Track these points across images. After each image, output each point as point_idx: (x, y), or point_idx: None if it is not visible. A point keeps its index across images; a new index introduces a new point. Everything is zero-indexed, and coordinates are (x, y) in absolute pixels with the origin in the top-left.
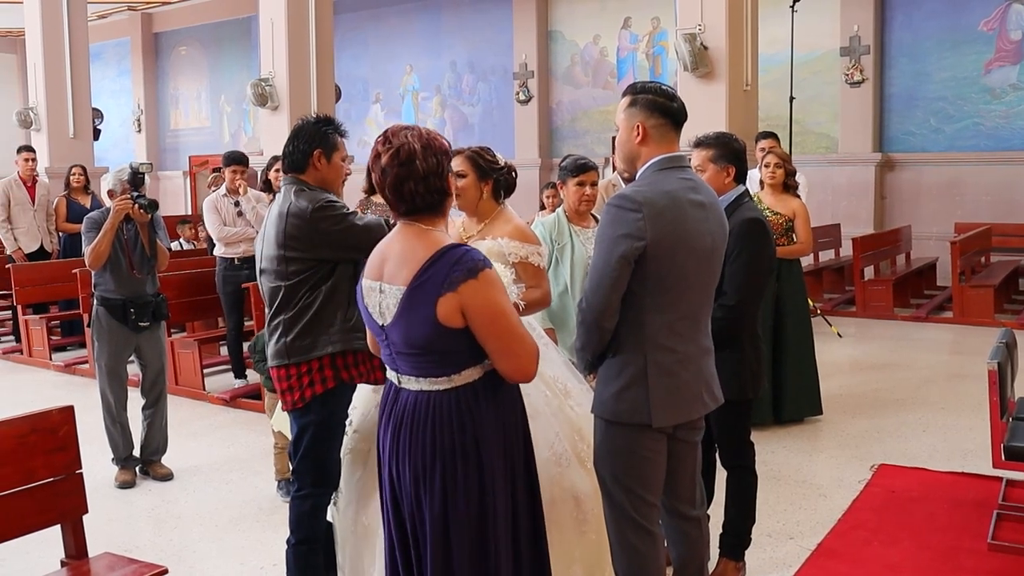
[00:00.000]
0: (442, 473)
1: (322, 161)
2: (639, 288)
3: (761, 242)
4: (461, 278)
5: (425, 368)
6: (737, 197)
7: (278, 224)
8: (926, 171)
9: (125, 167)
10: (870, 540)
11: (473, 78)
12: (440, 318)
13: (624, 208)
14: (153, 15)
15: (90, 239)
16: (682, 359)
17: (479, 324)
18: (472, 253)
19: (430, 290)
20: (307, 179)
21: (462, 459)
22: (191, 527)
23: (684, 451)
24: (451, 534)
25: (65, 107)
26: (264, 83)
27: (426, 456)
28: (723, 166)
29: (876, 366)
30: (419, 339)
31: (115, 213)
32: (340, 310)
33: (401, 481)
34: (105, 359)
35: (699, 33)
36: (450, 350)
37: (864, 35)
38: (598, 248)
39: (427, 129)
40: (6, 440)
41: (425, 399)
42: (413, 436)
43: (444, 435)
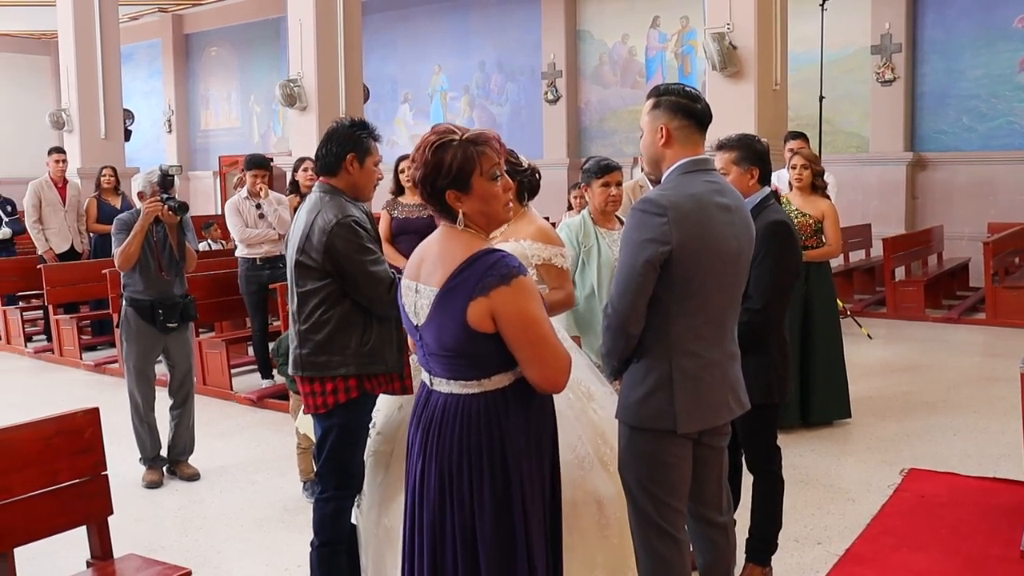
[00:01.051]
0: (468, 477)
1: (355, 165)
2: (664, 293)
3: (786, 245)
4: (493, 283)
5: (456, 371)
6: (762, 199)
7: (303, 229)
8: (958, 170)
9: (155, 169)
10: (899, 546)
11: (501, 78)
12: (470, 322)
13: (649, 212)
14: (184, 16)
15: (120, 240)
16: (707, 364)
17: (509, 331)
18: (507, 259)
19: (461, 294)
20: (339, 183)
21: (488, 464)
22: (217, 528)
23: (710, 457)
24: (477, 538)
25: (97, 108)
26: (292, 84)
27: (452, 459)
28: (747, 168)
29: (906, 368)
30: (449, 342)
31: (145, 215)
32: (355, 334)
33: (427, 482)
34: (133, 359)
35: (728, 32)
36: (480, 354)
37: (896, 33)
38: (623, 252)
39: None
40: (32, 442)
41: (455, 402)
42: (441, 438)
43: (471, 439)
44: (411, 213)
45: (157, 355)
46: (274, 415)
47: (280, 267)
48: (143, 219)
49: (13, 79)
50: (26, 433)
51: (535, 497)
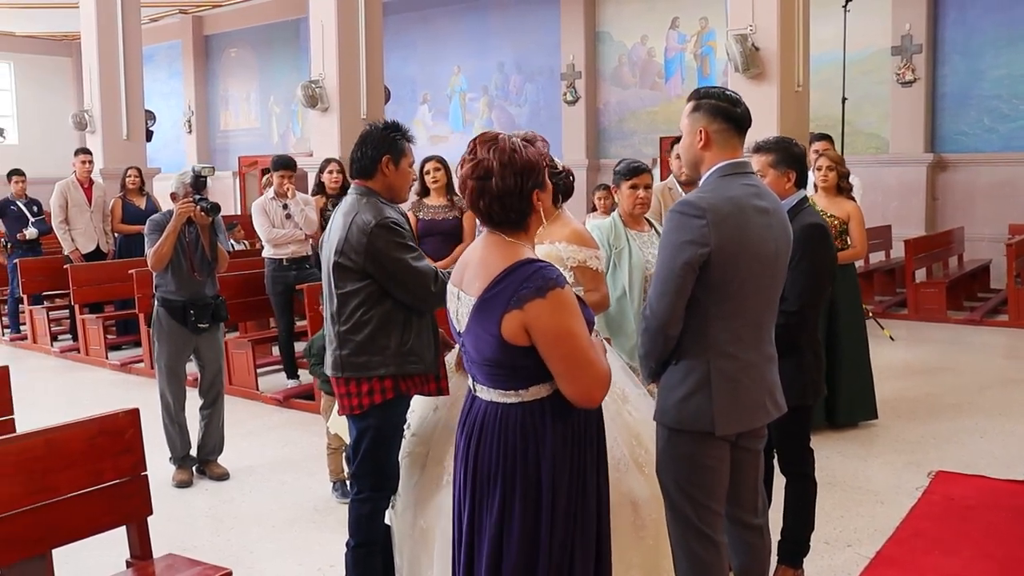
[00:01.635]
0: (502, 486)
1: (390, 167)
2: (703, 295)
3: (822, 248)
4: (528, 296)
5: (495, 380)
6: (798, 202)
7: (340, 232)
8: (979, 171)
9: (188, 171)
10: (930, 549)
11: (520, 79)
12: (505, 335)
13: (688, 214)
14: (204, 18)
15: (152, 241)
16: (745, 366)
17: (543, 345)
18: (545, 271)
19: (497, 305)
20: (374, 185)
21: (522, 475)
22: (248, 528)
23: (747, 459)
24: (504, 548)
25: (119, 109)
26: (314, 85)
27: (489, 467)
28: (783, 171)
29: (930, 370)
30: (487, 353)
31: (177, 216)
32: (395, 334)
33: (466, 487)
34: (165, 359)
35: (750, 34)
36: (518, 365)
37: (916, 34)
38: (662, 255)
39: (518, 143)
40: (76, 442)
41: (495, 410)
42: (480, 446)
43: (507, 449)
44: (436, 215)
45: (188, 355)
46: (300, 415)
47: (307, 268)
48: (176, 220)
49: (36, 80)
50: (70, 433)
51: (565, 513)
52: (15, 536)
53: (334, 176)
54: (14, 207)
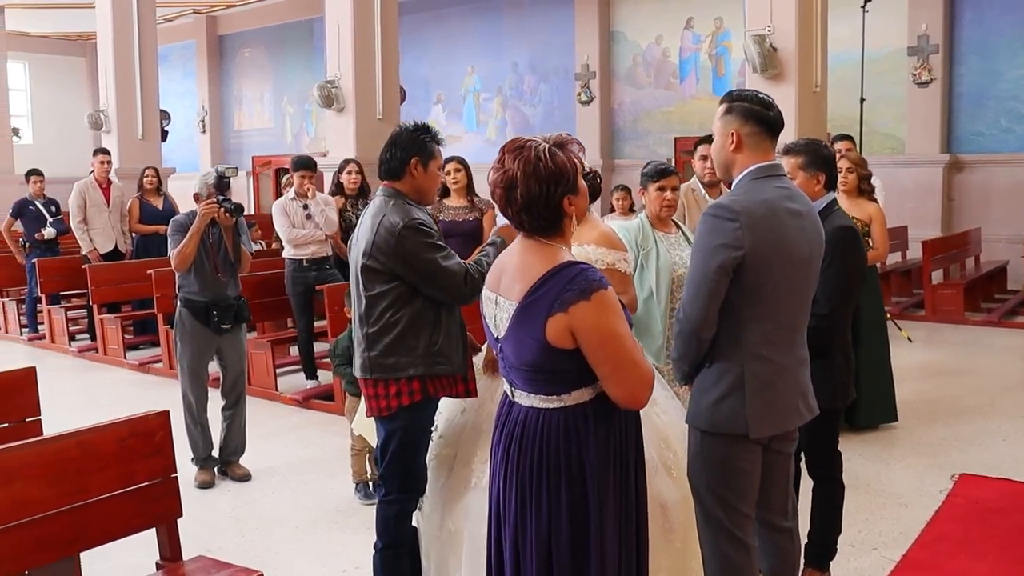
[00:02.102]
0: (547, 492)
1: (419, 169)
2: (736, 298)
3: (853, 250)
4: (573, 299)
5: (536, 385)
6: (828, 205)
7: (368, 234)
8: (996, 172)
9: (211, 171)
10: (956, 553)
11: (534, 79)
12: (549, 339)
13: (722, 217)
14: (218, 18)
15: (176, 242)
16: (778, 369)
17: (589, 347)
18: (588, 272)
19: (540, 309)
20: (403, 187)
21: (567, 480)
22: (272, 529)
23: (778, 462)
24: (552, 554)
25: (134, 109)
26: (330, 85)
27: (532, 473)
28: (813, 173)
29: (949, 372)
30: (529, 357)
31: (201, 217)
32: (424, 335)
33: (507, 495)
34: (187, 360)
35: (768, 34)
36: (561, 370)
37: (933, 34)
38: (695, 258)
39: (545, 149)
40: (107, 444)
41: (535, 415)
42: (522, 452)
43: (551, 454)
44: (457, 216)
45: (211, 356)
46: (320, 416)
47: (327, 268)
48: (199, 220)
49: (51, 80)
50: (102, 435)
51: (614, 514)
52: (47, 537)
53: (353, 177)
54: (32, 207)
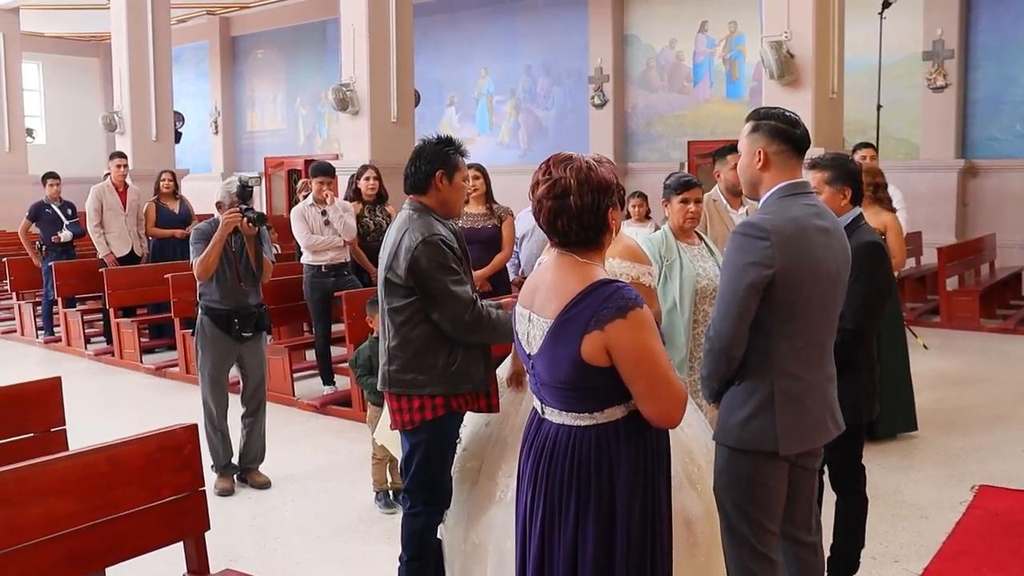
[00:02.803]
0: (575, 511)
1: (444, 182)
2: (766, 316)
3: (879, 265)
4: (609, 316)
5: (568, 402)
6: (854, 220)
7: (391, 248)
8: (1011, 178)
9: (234, 179)
10: (979, 567)
11: (548, 82)
12: (584, 356)
13: (752, 236)
14: (231, 19)
15: (198, 250)
16: (808, 386)
17: (624, 365)
18: (624, 291)
19: (576, 327)
20: (429, 200)
21: (596, 499)
22: (293, 538)
23: (803, 477)
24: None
25: (148, 111)
26: (345, 88)
27: (561, 491)
28: (839, 188)
29: (966, 380)
30: (562, 375)
31: (224, 226)
32: (442, 353)
33: (535, 512)
34: (208, 368)
35: (785, 40)
36: (594, 387)
37: (948, 39)
38: (725, 275)
39: (592, 161)
40: (135, 458)
41: (566, 433)
42: (551, 469)
43: (581, 472)
44: (476, 223)
45: (231, 363)
46: (337, 422)
47: (345, 274)
48: (222, 229)
49: (64, 81)
50: (130, 449)
51: (640, 532)
52: (77, 552)
53: (371, 183)
54: (49, 210)
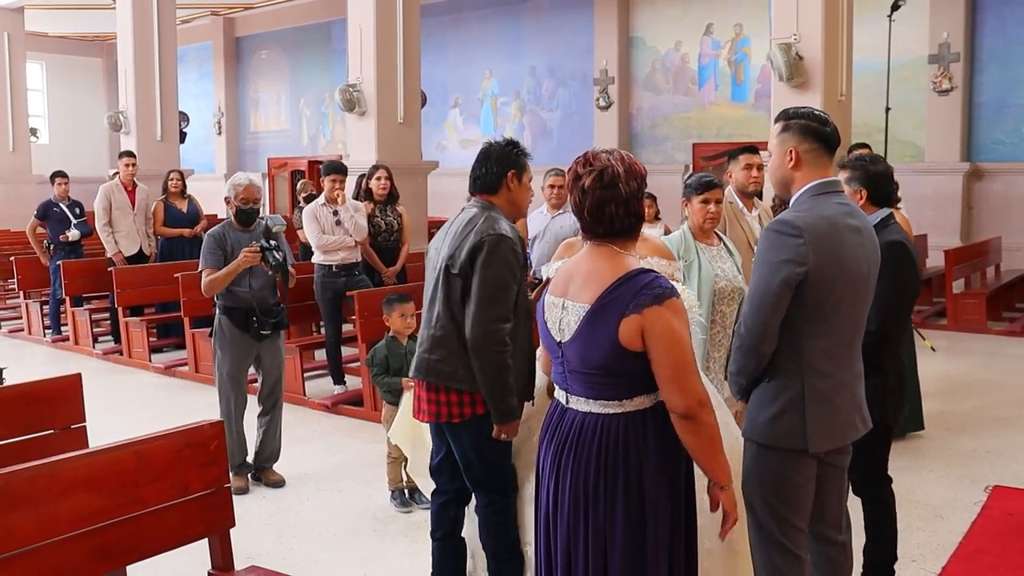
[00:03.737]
0: (605, 498)
1: (514, 182)
2: (797, 313)
3: (904, 266)
4: (647, 302)
5: (598, 389)
6: (882, 220)
7: (457, 239)
8: (1016, 180)
9: (240, 175)
10: (996, 566)
11: (553, 83)
12: (621, 339)
13: (785, 234)
14: (235, 20)
15: (209, 260)
16: (837, 384)
17: (657, 349)
18: (660, 280)
19: (614, 311)
20: (497, 200)
21: (623, 486)
22: (310, 536)
23: (833, 476)
24: (608, 560)
25: (153, 111)
26: (352, 89)
27: (588, 479)
28: (855, 189)
29: (974, 382)
30: (596, 359)
31: (242, 262)
32: None
33: (560, 502)
34: (227, 367)
35: (794, 43)
36: (625, 373)
37: (954, 42)
38: (758, 272)
39: (626, 153)
40: (163, 454)
41: (593, 421)
42: (577, 458)
43: (608, 459)
44: None
45: (250, 362)
46: (348, 421)
47: (355, 274)
48: (238, 264)
49: (68, 80)
50: (158, 445)
51: (668, 521)
52: (105, 548)
53: (382, 183)
54: (57, 209)
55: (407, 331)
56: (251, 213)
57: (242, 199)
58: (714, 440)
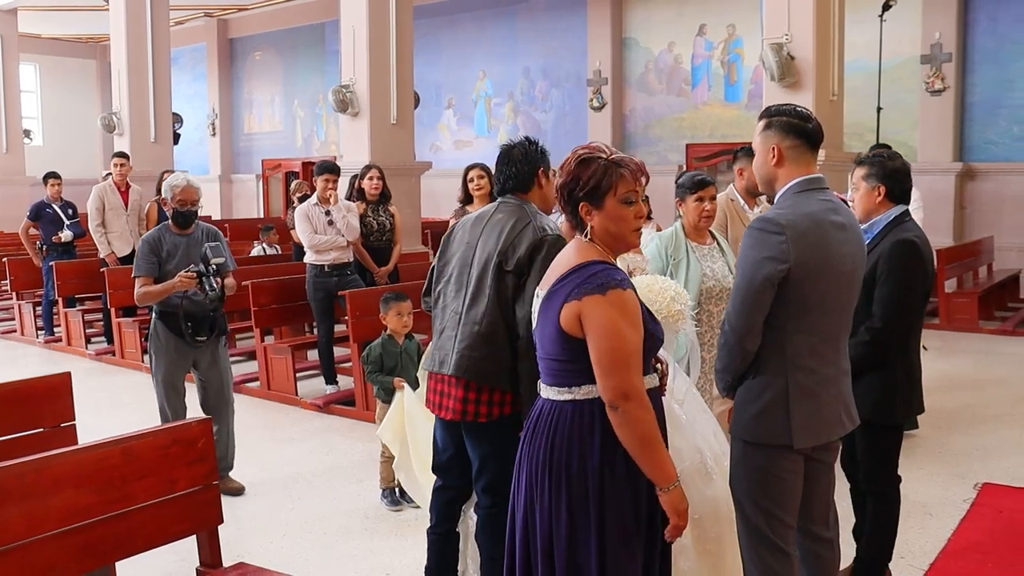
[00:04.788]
0: (549, 485)
1: (544, 179)
2: (781, 310)
3: (911, 263)
4: (589, 291)
5: (554, 376)
6: (896, 217)
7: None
8: (1008, 181)
9: (179, 174)
10: (984, 562)
11: (546, 84)
12: (562, 324)
13: (767, 231)
14: (229, 21)
15: (144, 268)
16: (822, 381)
17: (591, 338)
18: (612, 272)
19: (559, 297)
20: (531, 198)
21: (566, 475)
22: (300, 535)
23: (820, 473)
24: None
25: (147, 112)
26: (345, 89)
27: (539, 465)
28: (874, 185)
29: (966, 381)
30: (547, 345)
31: (178, 284)
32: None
33: (519, 487)
34: (163, 373)
35: (786, 43)
36: (572, 360)
37: (946, 42)
38: (741, 270)
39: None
40: (151, 451)
41: (550, 407)
42: (533, 443)
43: (555, 446)
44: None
45: (187, 369)
46: (340, 421)
47: (348, 274)
48: (174, 285)
49: (61, 82)
50: (145, 442)
51: (618, 515)
52: (93, 544)
53: (375, 182)
54: (49, 210)
55: (404, 330)
56: (189, 215)
57: (179, 200)
58: (643, 436)
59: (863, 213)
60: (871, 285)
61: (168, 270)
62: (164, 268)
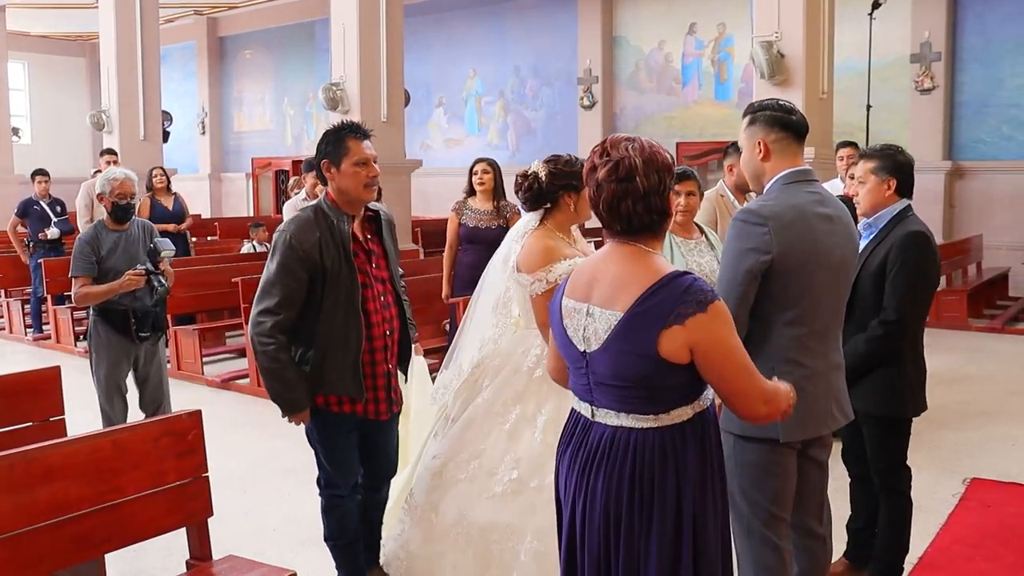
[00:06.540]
0: (639, 516)
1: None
2: (766, 302)
3: (921, 255)
4: (690, 311)
5: (630, 403)
6: (901, 211)
7: None
8: (997, 179)
9: (115, 170)
10: (972, 556)
11: (537, 83)
12: (662, 352)
13: (750, 222)
14: (219, 19)
15: (82, 268)
16: (811, 374)
17: (710, 363)
18: (700, 283)
19: (652, 321)
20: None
21: (659, 504)
22: (289, 531)
23: (813, 468)
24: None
25: (136, 110)
26: (335, 87)
27: (622, 498)
28: (884, 178)
29: (955, 377)
30: (631, 372)
31: (124, 284)
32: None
33: (589, 522)
34: (104, 373)
35: (776, 41)
36: (664, 387)
37: (935, 41)
38: (724, 262)
39: (649, 141)
40: (140, 443)
41: (625, 436)
42: (609, 476)
43: (644, 477)
44: (480, 221)
45: (128, 368)
46: None
47: None
48: (120, 285)
49: (50, 80)
50: (136, 434)
51: (708, 535)
52: (83, 536)
53: None
54: (37, 207)
55: None
56: (128, 209)
57: (118, 194)
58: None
59: (871, 206)
60: (880, 278)
61: (106, 268)
62: (103, 267)
